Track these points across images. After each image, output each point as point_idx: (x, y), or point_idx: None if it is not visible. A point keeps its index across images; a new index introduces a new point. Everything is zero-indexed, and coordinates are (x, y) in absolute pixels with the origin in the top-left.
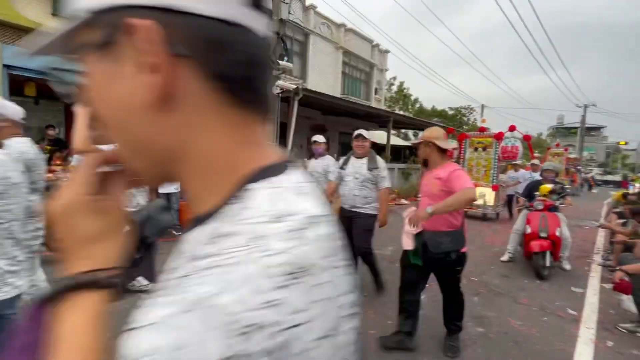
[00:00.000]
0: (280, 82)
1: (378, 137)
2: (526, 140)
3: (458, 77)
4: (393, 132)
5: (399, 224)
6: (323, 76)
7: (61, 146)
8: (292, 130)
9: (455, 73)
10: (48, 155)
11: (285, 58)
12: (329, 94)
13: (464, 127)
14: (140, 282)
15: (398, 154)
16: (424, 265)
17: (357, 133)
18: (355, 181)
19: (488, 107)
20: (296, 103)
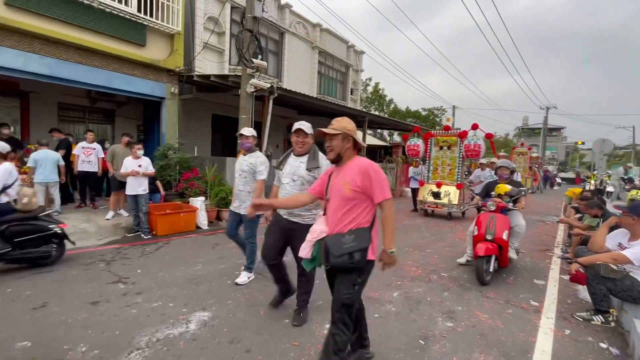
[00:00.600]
0: (254, 81)
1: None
2: (488, 138)
3: (431, 79)
4: (369, 132)
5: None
6: (299, 76)
7: (16, 146)
8: (267, 129)
9: (428, 75)
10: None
11: (259, 56)
12: (305, 94)
13: (437, 128)
14: None
15: (374, 154)
16: (328, 274)
17: (297, 127)
18: (292, 184)
19: (459, 109)
20: (271, 102)
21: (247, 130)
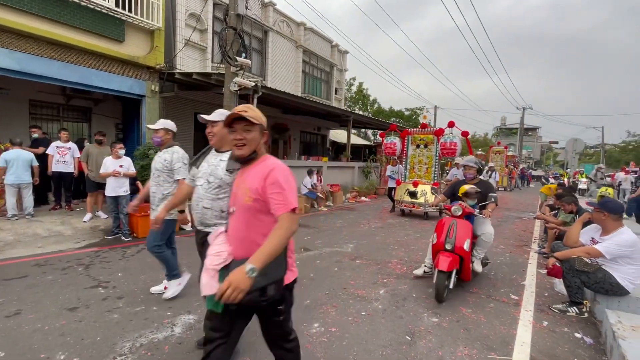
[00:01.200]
0: (238, 79)
1: (339, 136)
2: (464, 136)
3: (414, 80)
4: (353, 132)
5: (362, 222)
6: (283, 74)
7: None
8: None
9: (411, 75)
10: None
11: (243, 54)
12: (290, 93)
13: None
14: None
15: (358, 153)
16: (233, 311)
17: (210, 118)
18: (207, 187)
19: (441, 109)
20: (255, 101)
21: (157, 123)
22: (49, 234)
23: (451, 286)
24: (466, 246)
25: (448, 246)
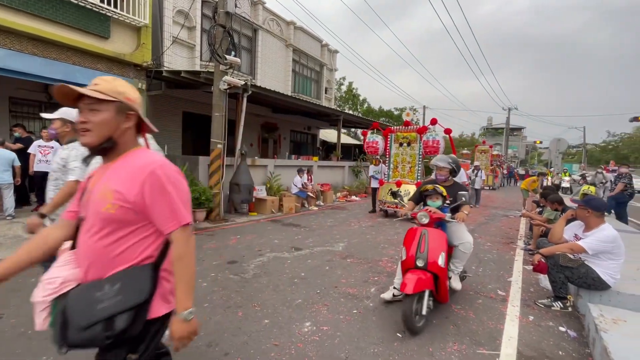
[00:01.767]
0: (227, 78)
1: (329, 136)
2: (447, 133)
3: (403, 80)
4: (343, 131)
5: (352, 221)
6: (273, 73)
7: None
8: (241, 127)
9: (401, 76)
10: None
11: (232, 53)
12: (280, 92)
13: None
14: None
15: (348, 152)
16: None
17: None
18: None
19: (429, 109)
20: (245, 100)
21: (56, 112)
22: (31, 236)
23: (424, 311)
24: (441, 261)
25: (420, 263)
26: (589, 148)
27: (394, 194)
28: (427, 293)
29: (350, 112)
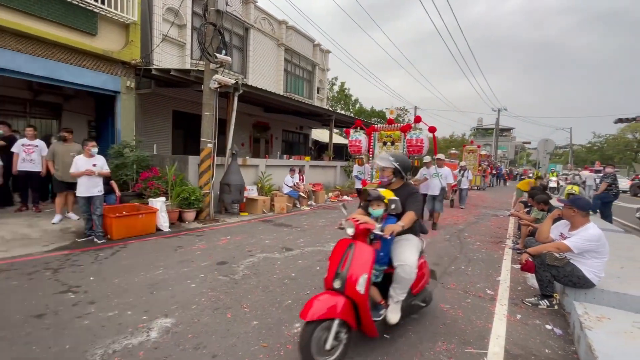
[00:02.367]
0: (218, 77)
1: (321, 136)
2: (431, 131)
3: (395, 81)
4: (335, 131)
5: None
6: (264, 73)
7: None
8: (232, 127)
9: (393, 77)
10: None
11: (223, 51)
12: (271, 91)
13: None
14: None
15: (340, 152)
16: None
17: None
18: None
19: (420, 109)
20: (236, 99)
21: None
22: (14, 237)
23: (328, 345)
24: (361, 286)
25: (336, 284)
26: (576, 149)
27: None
28: (336, 323)
29: (342, 112)
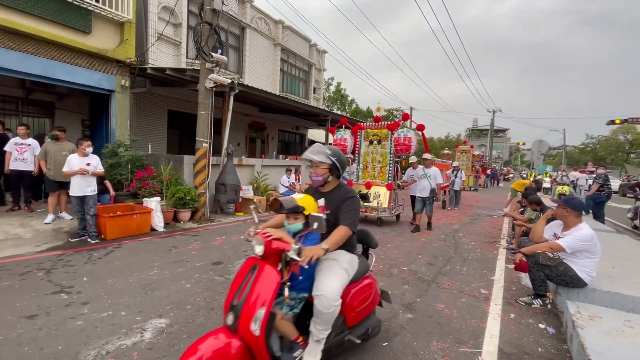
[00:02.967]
0: (214, 76)
1: (317, 136)
2: (420, 129)
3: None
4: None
5: None
6: (260, 72)
7: None
8: (228, 126)
9: (389, 77)
10: None
11: (219, 50)
12: (267, 91)
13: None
14: None
15: None
16: None
17: None
18: None
19: (417, 110)
20: (232, 98)
21: None
22: (6, 237)
23: None
24: (255, 325)
25: (229, 319)
26: (569, 150)
27: (363, 197)
28: None
29: (338, 112)
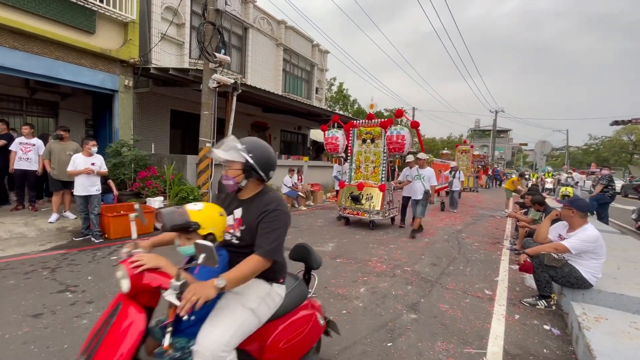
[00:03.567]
0: (217, 76)
1: (320, 136)
2: (414, 127)
3: (394, 81)
4: None
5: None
6: (263, 72)
7: None
8: (231, 126)
9: (391, 77)
10: None
11: (222, 50)
12: (270, 91)
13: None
14: None
15: None
16: None
17: None
18: None
19: (419, 110)
20: (235, 98)
21: None
22: (11, 236)
23: None
24: None
25: None
26: (572, 150)
27: (355, 199)
28: None
29: (340, 113)
